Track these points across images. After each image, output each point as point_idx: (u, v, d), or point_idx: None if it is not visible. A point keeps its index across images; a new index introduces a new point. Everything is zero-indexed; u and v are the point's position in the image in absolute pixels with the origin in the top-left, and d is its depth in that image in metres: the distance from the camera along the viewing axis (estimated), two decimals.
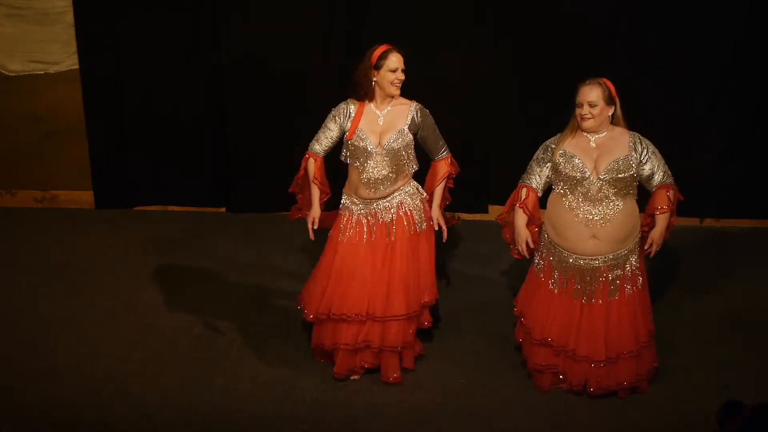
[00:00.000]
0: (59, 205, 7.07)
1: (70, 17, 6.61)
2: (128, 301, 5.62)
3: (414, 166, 4.76)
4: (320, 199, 4.81)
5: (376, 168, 4.61)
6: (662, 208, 4.48)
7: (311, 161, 4.78)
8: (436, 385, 4.77)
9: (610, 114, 4.44)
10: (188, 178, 6.91)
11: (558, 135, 4.56)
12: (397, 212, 4.68)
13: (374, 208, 4.68)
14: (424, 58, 6.30)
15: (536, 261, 4.67)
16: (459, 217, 6.65)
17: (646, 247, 4.49)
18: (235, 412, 4.58)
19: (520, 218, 4.57)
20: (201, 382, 4.81)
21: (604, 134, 4.45)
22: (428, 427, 4.48)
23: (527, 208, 4.54)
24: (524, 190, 4.56)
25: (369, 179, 4.63)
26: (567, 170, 4.42)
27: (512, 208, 4.62)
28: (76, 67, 6.72)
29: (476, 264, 6.06)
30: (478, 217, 6.78)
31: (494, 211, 6.73)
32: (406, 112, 4.66)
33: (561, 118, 4.55)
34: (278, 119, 6.65)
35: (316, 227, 4.77)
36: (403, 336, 4.73)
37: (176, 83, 6.69)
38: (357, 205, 4.71)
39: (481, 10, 6.30)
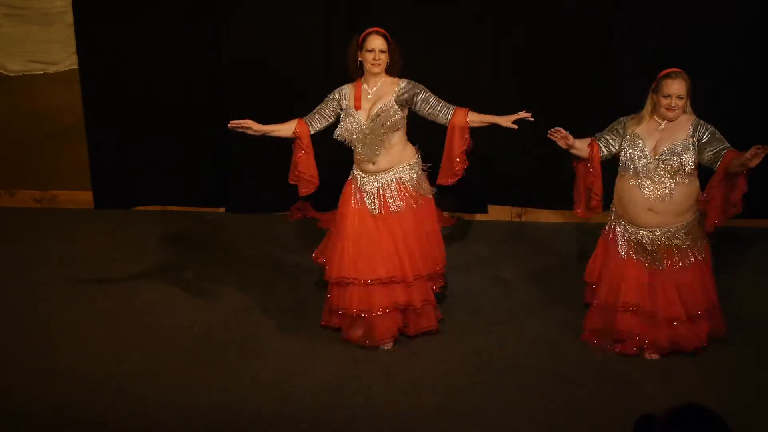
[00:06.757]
0: (59, 205, 7.07)
1: (69, 17, 6.62)
2: (128, 301, 5.62)
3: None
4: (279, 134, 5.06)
5: (366, 140, 4.80)
6: (737, 155, 4.57)
7: (300, 123, 4.98)
8: (436, 385, 4.77)
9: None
10: (188, 178, 6.91)
11: (633, 116, 4.77)
12: (398, 186, 4.88)
13: (376, 181, 4.88)
14: (424, 58, 6.32)
15: (606, 229, 4.96)
16: (459, 217, 6.65)
17: (750, 156, 4.46)
18: (235, 412, 4.58)
19: (579, 142, 4.78)
20: (201, 382, 4.81)
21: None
22: (428, 427, 4.48)
23: (593, 149, 4.77)
24: (592, 140, 4.82)
25: (362, 151, 4.83)
26: (630, 149, 4.71)
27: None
28: (76, 67, 6.73)
29: (476, 264, 6.06)
30: (477, 217, 6.78)
31: (494, 211, 6.73)
32: (394, 86, 4.85)
33: (561, 117, 4.55)
34: (278, 119, 6.64)
35: (243, 126, 4.99)
36: (426, 293, 5.02)
37: (176, 83, 6.69)
38: (362, 177, 4.92)
39: (481, 10, 6.30)
